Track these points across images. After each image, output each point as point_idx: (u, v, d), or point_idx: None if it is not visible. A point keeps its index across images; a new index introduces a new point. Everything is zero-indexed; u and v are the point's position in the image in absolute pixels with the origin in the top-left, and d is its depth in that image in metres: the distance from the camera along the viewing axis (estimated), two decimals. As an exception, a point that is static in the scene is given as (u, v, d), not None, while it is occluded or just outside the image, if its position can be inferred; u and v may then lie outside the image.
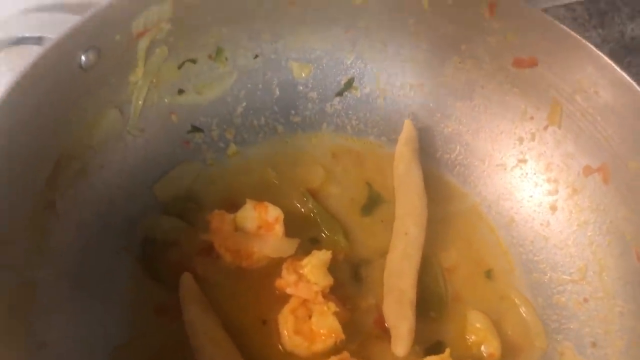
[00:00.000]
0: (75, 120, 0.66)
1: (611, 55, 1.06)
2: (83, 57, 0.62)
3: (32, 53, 0.64)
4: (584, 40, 0.68)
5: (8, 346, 0.56)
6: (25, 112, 0.58)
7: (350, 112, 0.84)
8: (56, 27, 0.61)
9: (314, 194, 0.78)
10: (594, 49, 0.67)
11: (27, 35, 0.60)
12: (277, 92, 0.82)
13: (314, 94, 0.83)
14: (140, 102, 0.73)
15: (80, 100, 0.65)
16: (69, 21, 0.61)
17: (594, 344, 0.69)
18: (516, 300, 0.74)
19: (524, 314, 0.73)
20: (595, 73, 0.68)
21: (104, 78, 0.67)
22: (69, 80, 0.62)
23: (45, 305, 0.62)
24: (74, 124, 0.66)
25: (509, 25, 0.72)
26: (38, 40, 0.60)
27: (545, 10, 1.02)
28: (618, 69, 0.66)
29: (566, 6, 1.02)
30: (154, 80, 0.73)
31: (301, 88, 0.83)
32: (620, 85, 0.66)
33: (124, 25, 0.65)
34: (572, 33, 0.68)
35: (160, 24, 0.68)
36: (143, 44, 0.68)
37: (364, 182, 0.80)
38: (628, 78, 0.65)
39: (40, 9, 0.65)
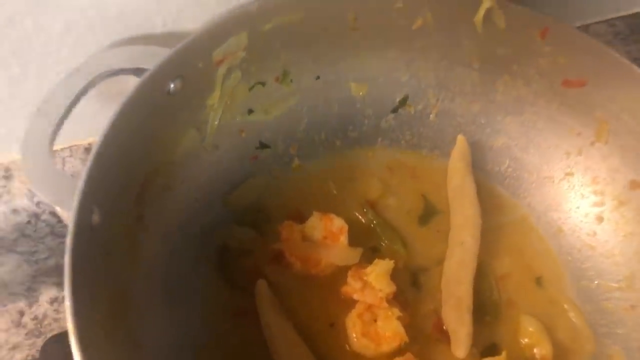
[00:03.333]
0: (161, 141, 0.72)
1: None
2: (172, 85, 0.69)
3: (116, 79, 0.72)
4: (630, 63, 0.72)
5: (113, 345, 0.63)
6: (125, 136, 0.65)
7: (404, 127, 0.89)
8: (148, 58, 0.67)
9: (372, 206, 0.84)
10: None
11: (125, 67, 0.66)
12: (336, 109, 0.88)
13: (370, 111, 0.89)
14: (215, 122, 0.79)
15: (166, 123, 0.72)
16: (159, 53, 0.68)
17: (642, 349, 0.73)
18: (565, 306, 0.78)
19: (573, 319, 0.77)
20: (642, 95, 0.73)
21: (186, 102, 0.73)
22: (159, 106, 0.69)
23: (139, 309, 0.69)
24: (159, 144, 0.72)
25: (560, 49, 0.76)
26: (135, 72, 0.66)
27: (587, 27, 1.06)
28: (665, 91, 0.70)
29: (607, 22, 1.06)
30: (228, 102, 0.79)
31: (358, 105, 0.88)
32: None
33: (206, 55, 0.71)
34: (620, 57, 0.73)
35: (237, 52, 0.74)
36: (221, 70, 0.74)
37: (420, 193, 0.86)
38: (674, 100, 0.69)
39: (131, 42, 0.71)
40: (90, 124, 0.78)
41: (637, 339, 0.74)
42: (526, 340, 0.75)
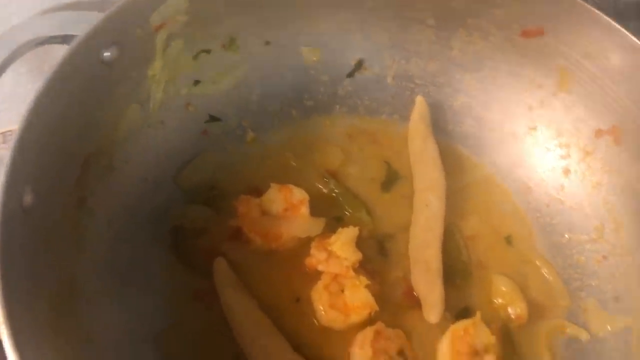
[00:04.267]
0: (100, 117, 0.67)
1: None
2: (106, 53, 0.63)
3: (49, 53, 0.66)
4: (589, 6, 0.70)
5: (60, 342, 0.57)
6: (56, 111, 0.60)
7: (361, 92, 0.86)
8: (79, 25, 0.62)
9: (333, 175, 0.80)
10: (600, 13, 0.69)
11: (52, 34, 0.61)
12: (290, 77, 0.84)
13: (325, 77, 0.85)
14: (158, 95, 0.74)
15: (103, 97, 0.67)
16: (90, 18, 0.63)
17: (616, 299, 0.71)
18: (537, 263, 0.76)
19: (546, 275, 0.75)
20: (603, 37, 0.70)
21: (124, 74, 0.68)
22: (93, 77, 0.64)
23: (88, 298, 0.64)
24: (99, 121, 0.67)
25: (515, -3, 0.74)
26: (63, 39, 0.61)
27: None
28: (627, 32, 0.68)
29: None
30: (171, 73, 0.74)
31: (313, 72, 0.84)
32: (628, 47, 0.68)
33: (143, 20, 0.66)
34: (578, 0, 0.70)
35: (177, 17, 0.69)
36: (161, 37, 0.69)
37: (381, 159, 0.82)
38: (636, 40, 0.67)
39: (61, 8, 0.65)
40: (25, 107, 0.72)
41: (610, 290, 0.72)
42: (500, 300, 0.72)
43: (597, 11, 0.70)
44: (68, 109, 0.62)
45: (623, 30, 0.68)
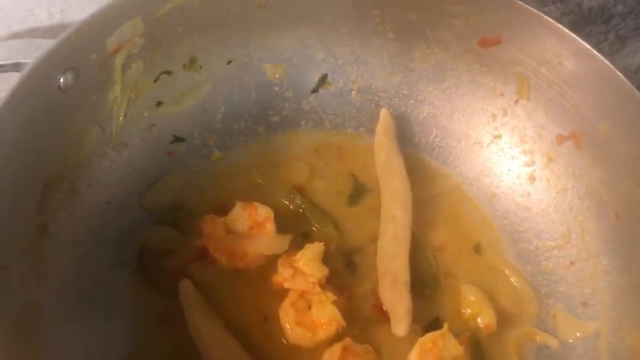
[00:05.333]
0: (58, 142, 0.67)
1: (572, 27, 1.10)
2: (61, 79, 0.63)
3: (7, 81, 0.66)
4: (542, 15, 0.71)
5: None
6: (10, 139, 0.59)
7: (326, 107, 0.86)
8: (31, 52, 0.62)
9: (300, 190, 0.80)
10: (553, 21, 0.70)
11: (2, 62, 0.61)
12: (254, 95, 0.84)
13: (289, 93, 0.85)
14: (120, 118, 0.74)
15: (61, 121, 0.66)
16: (44, 45, 0.63)
17: (584, 303, 0.72)
18: (506, 271, 0.76)
19: (514, 283, 0.75)
20: (557, 44, 0.71)
21: (83, 98, 0.68)
22: (49, 103, 0.63)
23: (52, 324, 0.63)
24: (58, 146, 0.67)
25: (471, 7, 0.74)
26: (15, 67, 0.61)
27: (504, -10, 1.04)
28: (578, 38, 0.69)
29: (524, -16, 1.05)
30: (132, 95, 0.74)
31: (277, 88, 0.84)
32: (582, 53, 0.69)
33: (98, 44, 0.66)
34: (531, 9, 0.71)
35: (134, 39, 0.69)
36: (119, 60, 0.69)
37: (348, 173, 0.82)
38: (588, 46, 0.68)
39: (14, 36, 0.65)
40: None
41: (578, 295, 0.72)
42: (469, 310, 0.72)
43: (550, 19, 0.70)
44: (23, 136, 0.61)
45: (575, 36, 0.69)
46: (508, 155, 0.81)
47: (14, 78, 0.63)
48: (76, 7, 0.69)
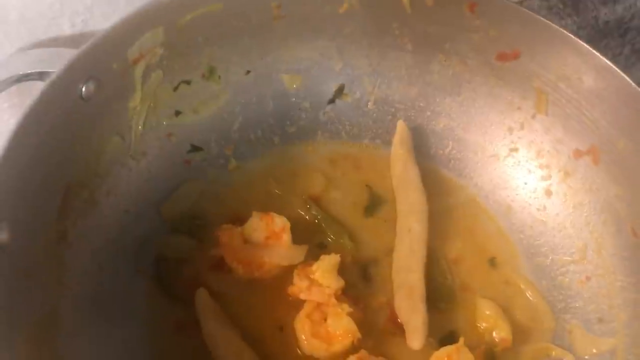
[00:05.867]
0: (79, 150, 0.67)
1: (588, 40, 1.10)
2: (83, 88, 0.64)
3: (31, 89, 0.67)
4: (562, 30, 0.71)
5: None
6: (33, 147, 0.60)
7: (343, 118, 0.86)
8: (55, 61, 0.63)
9: (316, 201, 0.80)
10: (572, 37, 0.70)
11: (28, 72, 0.62)
12: (271, 105, 0.84)
13: (306, 104, 0.85)
14: (140, 127, 0.74)
15: (83, 130, 0.67)
16: (67, 55, 0.63)
17: (600, 320, 0.71)
18: (521, 285, 0.76)
19: (530, 298, 0.75)
20: (576, 60, 0.71)
21: (104, 106, 0.68)
22: (71, 111, 0.64)
23: (69, 331, 0.64)
24: (79, 154, 0.68)
25: (490, 22, 0.75)
26: (40, 76, 0.62)
27: (521, 3, 1.05)
28: (598, 54, 0.69)
29: (540, -3, 1.05)
30: (152, 104, 0.74)
31: (294, 99, 0.85)
32: (601, 69, 0.69)
33: (120, 54, 0.67)
34: (551, 23, 0.71)
35: (154, 49, 0.70)
36: (139, 70, 0.70)
37: (364, 184, 0.82)
38: (608, 62, 0.68)
39: (38, 45, 0.66)
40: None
41: (594, 311, 0.72)
42: (484, 324, 0.72)
43: (570, 34, 0.70)
44: (46, 144, 0.62)
45: (595, 52, 0.69)
46: (524, 169, 0.81)
47: (37, 86, 0.64)
48: (99, 17, 0.69)
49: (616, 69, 0.68)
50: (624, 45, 1.15)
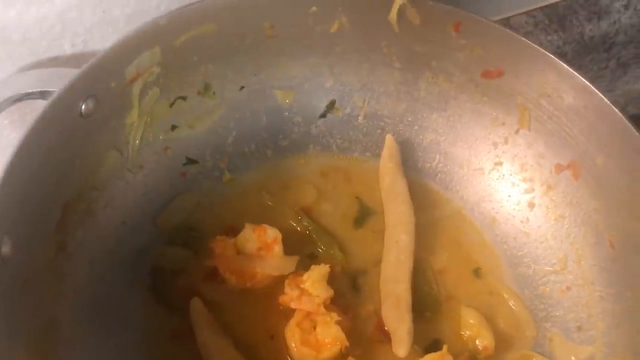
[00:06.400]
0: (79, 165, 0.70)
1: (574, 55, 1.13)
2: (83, 106, 0.66)
3: (31, 105, 0.70)
4: (543, 50, 0.73)
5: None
6: (35, 163, 0.63)
7: (334, 131, 0.89)
8: (56, 80, 0.65)
9: (307, 212, 0.83)
10: (553, 57, 0.73)
11: (30, 91, 0.64)
12: (265, 120, 0.87)
13: (299, 118, 0.88)
14: (137, 142, 0.77)
15: (82, 145, 0.70)
16: (68, 74, 0.66)
17: (579, 328, 0.74)
18: (505, 295, 0.79)
19: (513, 307, 0.78)
20: (557, 79, 0.73)
21: (102, 123, 0.71)
22: (71, 128, 0.67)
23: (68, 340, 0.66)
24: (78, 169, 0.70)
25: (475, 41, 0.77)
26: (41, 95, 0.64)
27: (508, 19, 1.08)
28: (576, 73, 0.71)
29: (527, 13, 1.08)
30: (148, 120, 0.77)
31: (286, 114, 0.87)
32: (580, 88, 0.72)
33: (118, 73, 0.69)
34: (532, 44, 0.74)
35: (151, 68, 0.73)
36: (136, 87, 0.72)
37: (354, 196, 0.85)
38: (587, 82, 0.71)
39: (39, 65, 0.69)
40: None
41: (574, 319, 0.75)
42: (468, 332, 0.75)
43: (551, 55, 0.73)
44: (47, 160, 0.64)
45: (574, 72, 0.72)
46: (509, 182, 0.84)
47: (38, 104, 0.67)
48: (98, 37, 0.72)
49: (594, 88, 0.71)
50: (610, 59, 1.18)
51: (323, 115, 0.89)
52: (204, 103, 0.82)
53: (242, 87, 0.84)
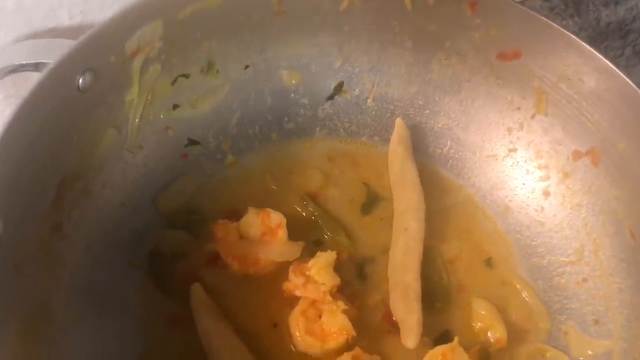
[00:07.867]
0: (75, 142, 0.67)
1: (589, 42, 1.09)
2: (80, 80, 0.63)
3: (26, 80, 0.66)
4: (564, 30, 0.70)
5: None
6: (28, 138, 0.60)
7: (341, 115, 0.86)
8: (52, 52, 0.62)
9: (313, 198, 0.80)
10: (574, 37, 0.70)
11: (24, 62, 0.61)
12: (269, 101, 0.84)
13: (305, 100, 0.85)
14: (137, 120, 0.74)
15: (79, 122, 0.67)
16: (64, 45, 0.63)
17: (596, 321, 0.71)
18: (517, 285, 0.76)
19: (526, 298, 0.75)
20: (578, 61, 0.70)
21: (101, 99, 0.68)
22: (68, 103, 0.64)
23: (61, 324, 0.64)
24: (74, 146, 0.67)
25: (491, 20, 0.74)
26: (35, 67, 0.61)
27: (523, 3, 1.04)
28: (600, 55, 0.68)
29: (542, -3, 1.05)
30: (149, 97, 0.74)
31: (293, 95, 0.84)
32: (603, 71, 0.69)
33: (117, 46, 0.66)
34: (553, 23, 0.71)
35: (153, 43, 0.69)
36: (137, 63, 0.69)
37: (361, 182, 0.82)
38: (610, 64, 0.67)
39: (35, 36, 0.66)
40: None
41: (590, 312, 0.72)
42: (479, 324, 0.72)
43: (572, 35, 0.70)
44: (41, 135, 0.61)
45: (597, 53, 0.69)
46: (523, 169, 0.81)
47: (34, 77, 0.64)
48: (97, 8, 0.69)
49: (618, 71, 0.68)
50: (625, 47, 1.15)
51: (330, 98, 0.85)
52: (207, 82, 0.79)
53: (247, 66, 0.81)
